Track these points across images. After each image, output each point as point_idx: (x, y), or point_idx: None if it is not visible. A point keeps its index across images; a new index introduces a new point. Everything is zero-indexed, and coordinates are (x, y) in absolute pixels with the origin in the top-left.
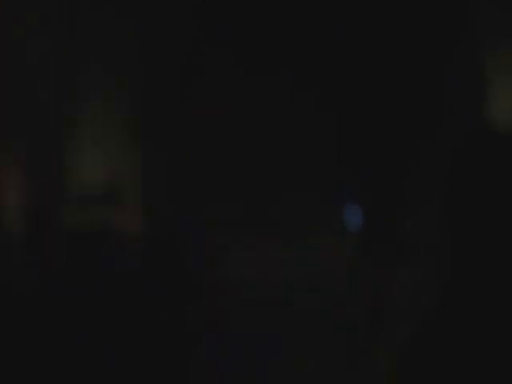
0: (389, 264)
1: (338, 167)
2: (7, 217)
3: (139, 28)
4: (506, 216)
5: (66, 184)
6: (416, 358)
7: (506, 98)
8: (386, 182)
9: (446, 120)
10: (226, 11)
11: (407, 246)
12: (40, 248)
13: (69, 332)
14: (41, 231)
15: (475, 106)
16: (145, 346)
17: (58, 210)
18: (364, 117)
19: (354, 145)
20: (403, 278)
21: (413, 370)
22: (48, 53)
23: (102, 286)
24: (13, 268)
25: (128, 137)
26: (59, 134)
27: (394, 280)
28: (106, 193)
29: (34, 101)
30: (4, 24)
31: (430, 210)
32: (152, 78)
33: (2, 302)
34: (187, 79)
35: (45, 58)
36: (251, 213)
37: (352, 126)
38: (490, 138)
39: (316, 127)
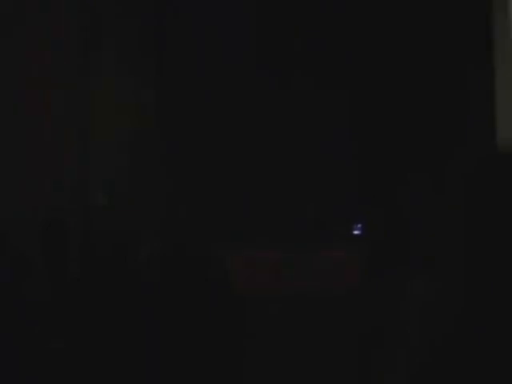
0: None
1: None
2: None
3: None
4: None
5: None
6: (434, 371)
7: None
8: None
9: (458, 143)
10: None
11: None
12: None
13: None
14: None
15: (487, 130)
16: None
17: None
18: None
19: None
20: (415, 292)
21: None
22: None
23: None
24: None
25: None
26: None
27: (407, 295)
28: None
29: None
30: None
31: (444, 228)
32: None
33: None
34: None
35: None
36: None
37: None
38: (502, 161)
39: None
